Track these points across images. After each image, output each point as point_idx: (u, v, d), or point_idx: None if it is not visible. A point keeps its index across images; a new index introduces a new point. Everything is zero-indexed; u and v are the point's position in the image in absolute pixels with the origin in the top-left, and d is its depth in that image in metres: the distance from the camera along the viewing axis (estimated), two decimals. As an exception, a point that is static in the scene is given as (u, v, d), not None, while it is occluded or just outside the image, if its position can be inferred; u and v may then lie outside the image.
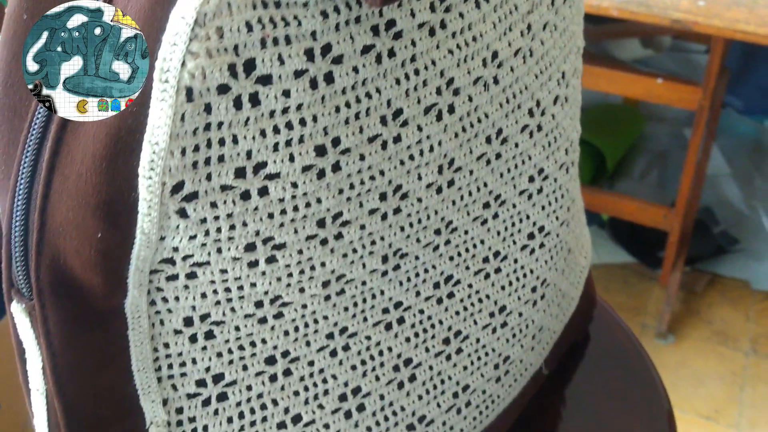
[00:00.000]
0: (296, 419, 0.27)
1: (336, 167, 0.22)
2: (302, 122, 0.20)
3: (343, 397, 0.27)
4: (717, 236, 1.27)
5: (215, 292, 0.23)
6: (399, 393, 0.29)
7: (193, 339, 0.24)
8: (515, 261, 0.30)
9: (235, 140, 0.20)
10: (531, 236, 0.30)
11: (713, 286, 1.23)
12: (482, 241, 0.29)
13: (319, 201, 0.22)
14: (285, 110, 0.20)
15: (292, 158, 0.21)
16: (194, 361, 0.24)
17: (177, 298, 0.23)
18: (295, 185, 0.21)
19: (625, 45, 1.32)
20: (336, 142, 0.21)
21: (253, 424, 0.26)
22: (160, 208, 0.19)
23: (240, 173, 0.20)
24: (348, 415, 0.28)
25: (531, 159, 0.28)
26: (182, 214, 0.20)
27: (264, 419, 0.26)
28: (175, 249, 0.21)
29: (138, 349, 0.23)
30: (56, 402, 0.22)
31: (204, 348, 0.24)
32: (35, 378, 0.22)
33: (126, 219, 0.19)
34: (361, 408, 0.28)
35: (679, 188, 1.07)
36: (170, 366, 0.24)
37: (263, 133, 0.20)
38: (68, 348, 0.21)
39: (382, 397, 0.28)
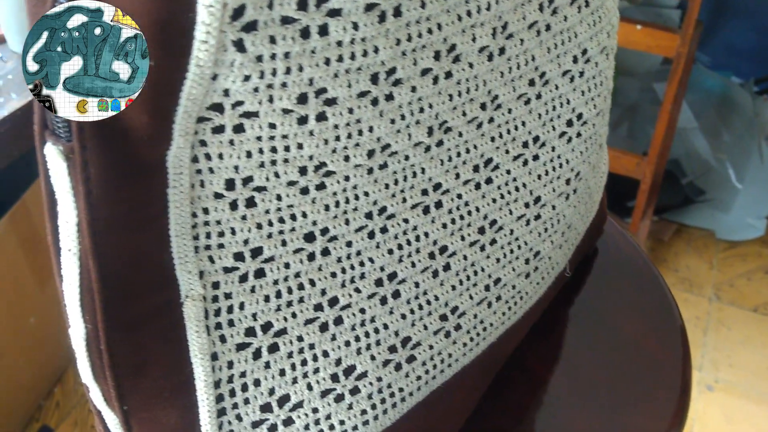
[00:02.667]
0: (333, 302, 0.25)
1: (397, 11, 0.20)
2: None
3: (379, 282, 0.26)
4: (684, 187, 1.29)
5: (261, 151, 0.21)
6: (433, 282, 0.28)
7: (233, 206, 0.22)
8: (553, 149, 0.29)
9: (300, -36, 0.18)
10: (569, 123, 0.29)
11: (680, 236, 1.26)
12: (524, 123, 0.27)
13: (376, 51, 0.21)
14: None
15: (356, -7, 0.19)
16: (233, 232, 0.22)
17: (221, 156, 0.21)
18: (355, 27, 0.20)
19: (600, -4, 1.32)
20: (401, -19, 0.20)
21: (290, 304, 0.24)
22: (218, 36, 0.18)
23: (302, 5, 0.18)
24: (383, 300, 0.27)
25: (577, 36, 0.27)
26: (239, 47, 0.18)
27: (301, 300, 0.25)
28: (226, 93, 0.19)
29: (177, 212, 0.21)
30: (91, 264, 0.20)
31: (244, 217, 0.22)
32: (68, 235, 0.20)
33: (179, 45, 0.17)
34: (396, 294, 0.27)
35: (653, 136, 1.07)
36: (208, 235, 0.22)
37: (330, -41, 0.18)
38: (108, 201, 0.19)
39: (417, 285, 0.27)
